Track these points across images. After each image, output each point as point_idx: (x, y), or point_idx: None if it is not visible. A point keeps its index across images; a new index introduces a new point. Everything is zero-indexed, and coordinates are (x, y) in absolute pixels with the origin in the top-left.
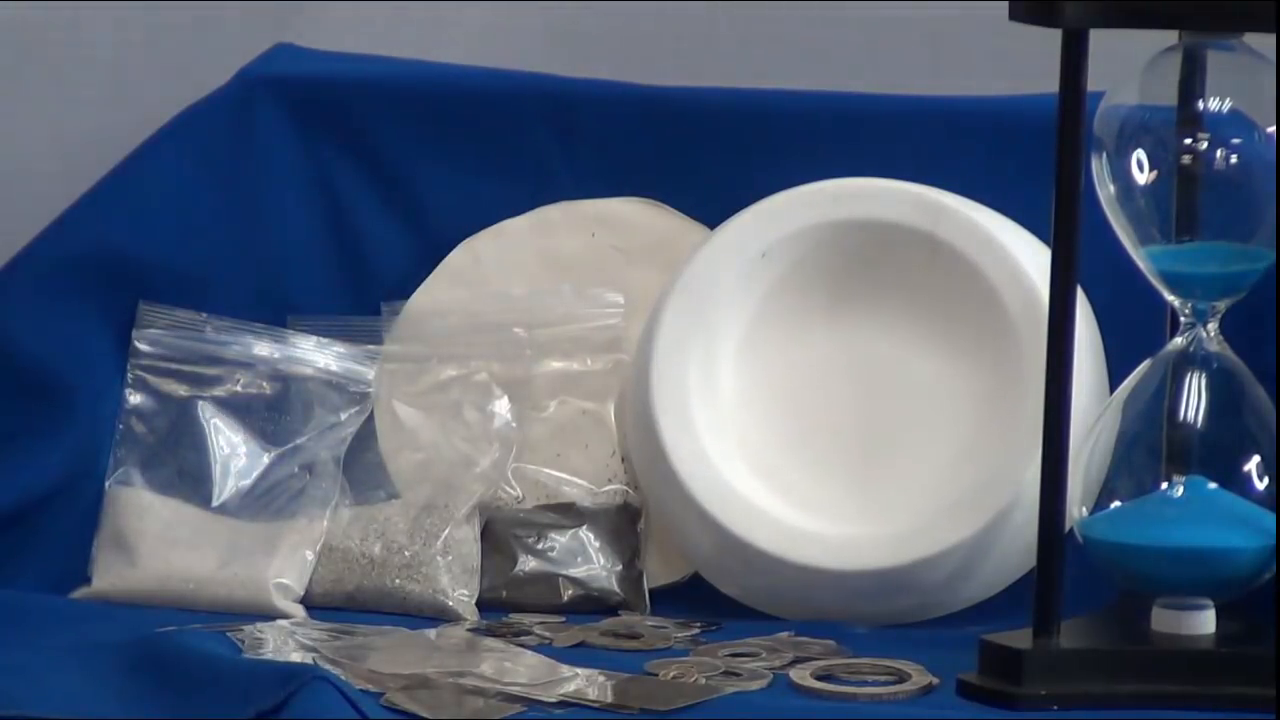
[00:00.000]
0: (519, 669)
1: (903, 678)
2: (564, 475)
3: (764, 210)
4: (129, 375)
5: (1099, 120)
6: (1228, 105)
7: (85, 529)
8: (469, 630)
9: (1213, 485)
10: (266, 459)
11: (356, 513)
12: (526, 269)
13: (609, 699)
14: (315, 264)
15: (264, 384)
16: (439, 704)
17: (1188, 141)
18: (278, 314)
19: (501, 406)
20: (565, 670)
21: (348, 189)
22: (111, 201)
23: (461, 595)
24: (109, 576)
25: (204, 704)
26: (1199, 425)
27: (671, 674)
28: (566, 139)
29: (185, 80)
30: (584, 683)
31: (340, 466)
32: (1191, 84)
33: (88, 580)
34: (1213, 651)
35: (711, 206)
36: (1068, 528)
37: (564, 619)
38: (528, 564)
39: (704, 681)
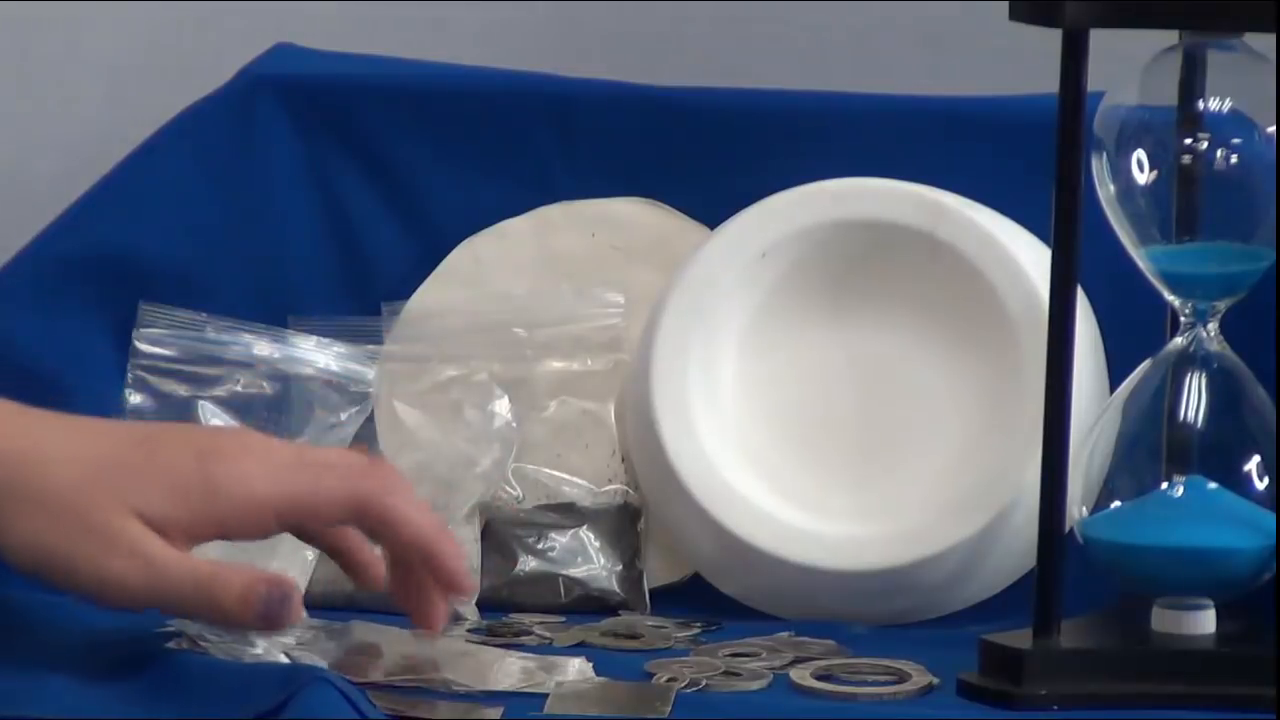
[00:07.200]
0: (511, 670)
1: (903, 678)
2: (564, 475)
3: (764, 210)
4: (129, 375)
5: (1099, 120)
6: (1228, 105)
7: None
8: (469, 630)
9: (1213, 485)
10: None
11: None
12: (526, 269)
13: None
14: (315, 264)
15: (264, 384)
16: (431, 705)
17: (1188, 141)
18: (278, 314)
19: (502, 406)
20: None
21: (348, 189)
22: (111, 201)
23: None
24: None
25: (203, 705)
26: (1199, 425)
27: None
28: (566, 139)
29: (185, 80)
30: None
31: None
32: (1191, 84)
33: None
34: (1213, 651)
35: (711, 206)
36: (1068, 528)
37: (564, 619)
38: (528, 564)
39: (705, 683)
